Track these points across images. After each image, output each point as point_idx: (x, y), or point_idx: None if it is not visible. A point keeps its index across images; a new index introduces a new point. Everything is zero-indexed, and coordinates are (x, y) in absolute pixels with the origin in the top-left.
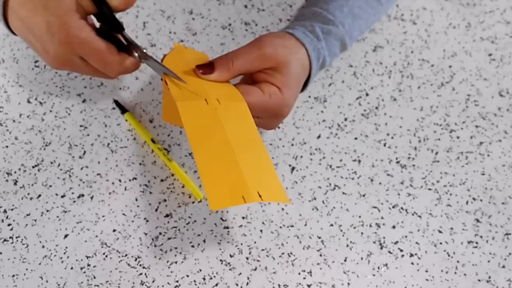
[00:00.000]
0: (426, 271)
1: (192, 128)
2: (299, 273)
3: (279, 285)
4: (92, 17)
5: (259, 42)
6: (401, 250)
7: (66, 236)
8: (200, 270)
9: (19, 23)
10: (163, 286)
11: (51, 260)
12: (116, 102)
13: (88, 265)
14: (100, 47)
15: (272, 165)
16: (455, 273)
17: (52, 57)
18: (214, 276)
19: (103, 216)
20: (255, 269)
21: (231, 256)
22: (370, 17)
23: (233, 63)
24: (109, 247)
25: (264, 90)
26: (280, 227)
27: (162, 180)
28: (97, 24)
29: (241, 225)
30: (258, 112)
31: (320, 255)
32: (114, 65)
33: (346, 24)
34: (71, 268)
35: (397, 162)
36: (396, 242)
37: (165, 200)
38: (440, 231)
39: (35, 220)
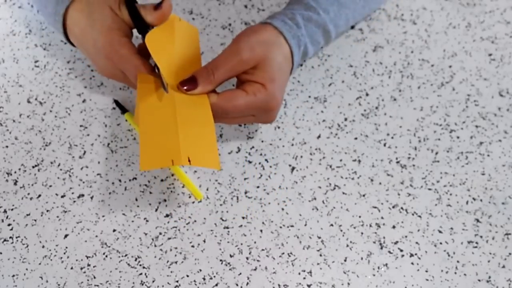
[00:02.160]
0: (426, 271)
1: (144, 101)
2: (299, 273)
3: (279, 285)
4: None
5: (235, 46)
6: (401, 250)
7: (66, 236)
8: (200, 270)
9: (74, 39)
10: (163, 286)
11: (51, 260)
12: (116, 102)
13: (88, 265)
14: (137, 64)
15: (214, 138)
16: (455, 273)
17: (100, 69)
18: (214, 276)
19: (103, 216)
20: (255, 269)
21: (231, 256)
22: (359, 8)
23: (214, 75)
24: (109, 247)
25: (247, 90)
26: (280, 227)
27: (162, 180)
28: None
29: (241, 225)
30: (248, 111)
31: (320, 255)
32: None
33: (330, 12)
34: (71, 268)
35: (397, 162)
36: (396, 242)
37: (165, 200)
38: (440, 231)
39: (35, 220)
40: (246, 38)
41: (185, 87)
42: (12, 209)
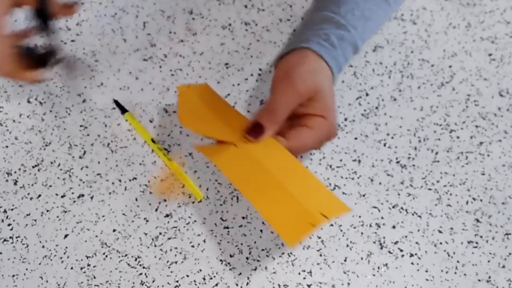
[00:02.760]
0: (426, 271)
1: (236, 177)
2: (299, 273)
3: (279, 285)
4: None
5: (288, 81)
6: (401, 250)
7: (66, 236)
8: (200, 270)
9: None
10: (163, 286)
11: (51, 260)
12: (116, 102)
13: (88, 265)
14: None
15: (319, 182)
16: (455, 273)
17: None
18: (214, 276)
19: (103, 216)
20: (255, 269)
21: (231, 256)
22: (380, 18)
23: (277, 114)
24: (109, 247)
25: (311, 125)
26: None
27: (162, 180)
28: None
29: (241, 225)
30: (316, 145)
31: (320, 255)
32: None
33: (358, 27)
34: (71, 268)
35: (397, 162)
36: (396, 242)
37: (165, 200)
38: (440, 231)
39: (35, 220)
40: (296, 71)
41: (252, 136)
42: (12, 209)
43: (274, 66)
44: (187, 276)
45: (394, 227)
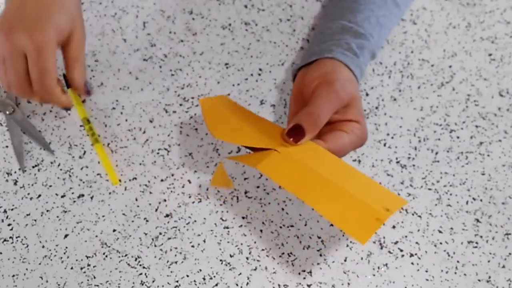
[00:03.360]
0: (426, 271)
1: (288, 182)
2: (299, 273)
3: (279, 285)
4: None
5: (331, 88)
6: (401, 250)
7: (66, 236)
8: (200, 270)
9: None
10: (163, 286)
11: (51, 260)
12: (64, 76)
13: (88, 265)
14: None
15: (370, 178)
16: (455, 273)
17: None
18: (214, 276)
19: (103, 216)
20: (255, 269)
21: (231, 256)
22: (393, 23)
23: (319, 119)
24: (109, 247)
25: (346, 130)
26: (280, 227)
27: (162, 180)
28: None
29: (241, 225)
30: (351, 149)
31: (320, 255)
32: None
33: (375, 35)
34: (71, 268)
35: (397, 162)
36: (396, 242)
37: (165, 200)
38: (440, 231)
39: (35, 220)
40: (337, 78)
41: (292, 138)
42: (12, 209)
43: (293, 76)
44: (187, 276)
45: (394, 227)
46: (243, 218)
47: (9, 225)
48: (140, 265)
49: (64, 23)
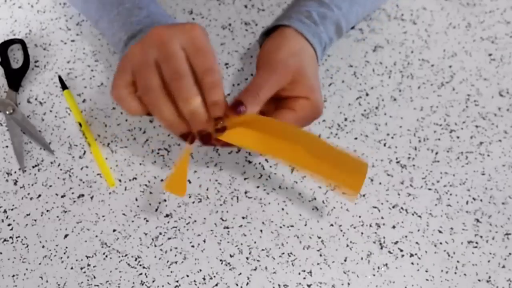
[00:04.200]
0: (426, 271)
1: (265, 146)
2: (299, 273)
3: (279, 285)
4: None
5: (270, 66)
6: (401, 250)
7: (66, 236)
8: (200, 270)
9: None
10: (163, 286)
11: (51, 260)
12: (59, 78)
13: (88, 265)
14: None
15: (329, 144)
16: (455, 273)
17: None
18: (214, 276)
19: (103, 216)
20: (255, 269)
21: (231, 256)
22: (368, 4)
23: (258, 96)
24: (109, 247)
25: (294, 107)
26: (280, 227)
27: (162, 180)
28: None
29: (241, 225)
30: (301, 126)
31: (320, 255)
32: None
33: (343, 7)
34: (71, 268)
35: (397, 162)
36: (396, 242)
37: (165, 200)
38: (440, 231)
39: (35, 220)
40: (278, 54)
41: (234, 112)
42: (12, 209)
43: (259, 43)
44: (187, 276)
45: (394, 227)
46: (243, 218)
47: (9, 225)
48: (140, 265)
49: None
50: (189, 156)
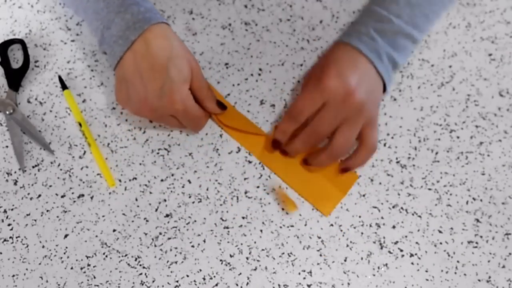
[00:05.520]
0: (426, 271)
1: (276, 168)
2: (299, 273)
3: (279, 285)
4: None
5: (315, 85)
6: (401, 250)
7: (66, 236)
8: (200, 270)
9: (134, 68)
10: (163, 286)
11: (51, 260)
12: (59, 78)
13: (88, 265)
14: (199, 115)
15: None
16: (455, 273)
17: (149, 108)
18: (214, 276)
19: (103, 216)
20: (255, 269)
21: (231, 256)
22: (434, 4)
23: (299, 116)
24: (109, 247)
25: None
26: (280, 227)
27: (162, 180)
28: None
29: (241, 225)
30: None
31: (320, 255)
32: (202, 125)
33: (404, 15)
34: (71, 268)
35: (397, 162)
36: (396, 242)
37: (165, 200)
38: (440, 231)
39: (35, 220)
40: (328, 75)
41: (276, 149)
42: (12, 209)
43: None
44: (187, 276)
45: (394, 227)
46: (243, 218)
47: (9, 225)
48: (140, 265)
49: (185, 73)
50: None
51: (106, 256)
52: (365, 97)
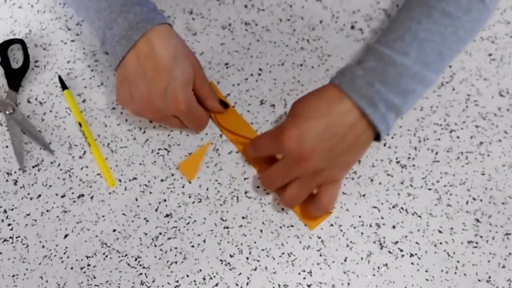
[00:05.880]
0: (426, 271)
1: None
2: (299, 273)
3: (279, 285)
4: None
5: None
6: (401, 250)
7: (66, 236)
8: (200, 270)
9: (137, 68)
10: (163, 286)
11: (51, 260)
12: (59, 78)
13: (88, 265)
14: (202, 115)
15: None
16: (455, 273)
17: (153, 108)
18: (214, 276)
19: (103, 216)
20: (255, 269)
21: (231, 256)
22: (448, 35)
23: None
24: (109, 247)
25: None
26: (280, 227)
27: (162, 180)
28: None
29: (241, 225)
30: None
31: (320, 255)
32: (204, 125)
33: (411, 53)
34: (71, 268)
35: (397, 162)
36: (396, 242)
37: (165, 200)
38: (440, 231)
39: (35, 220)
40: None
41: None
42: (12, 209)
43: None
44: (187, 276)
45: (394, 227)
46: (243, 218)
47: (9, 225)
48: (140, 265)
49: (188, 73)
50: (208, 147)
51: (106, 256)
52: (322, 163)
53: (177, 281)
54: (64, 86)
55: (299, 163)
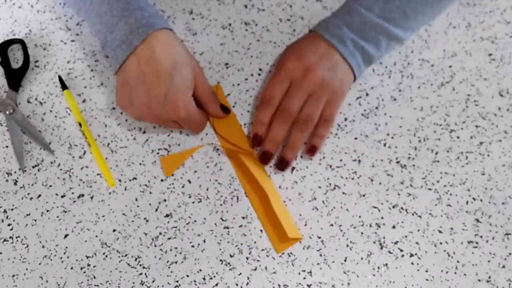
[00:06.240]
0: (426, 271)
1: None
2: (299, 273)
3: (279, 285)
4: None
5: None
6: (401, 250)
7: (66, 236)
8: (200, 270)
9: (138, 73)
10: (163, 286)
11: (51, 260)
12: (59, 78)
13: (88, 265)
14: (201, 120)
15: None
16: (455, 273)
17: (152, 114)
18: (214, 276)
19: (103, 216)
20: (255, 269)
21: (231, 256)
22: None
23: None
24: (109, 247)
25: None
26: None
27: (162, 180)
28: None
29: (241, 225)
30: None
31: (320, 255)
32: (203, 128)
33: (375, 8)
34: (71, 268)
35: (397, 162)
36: (396, 242)
37: (165, 200)
38: (440, 231)
39: (35, 220)
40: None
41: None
42: (12, 209)
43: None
44: (187, 276)
45: (394, 227)
46: (243, 218)
47: (9, 225)
48: (140, 265)
49: (188, 80)
50: (197, 150)
51: (106, 256)
52: (326, 73)
53: (177, 281)
54: (64, 86)
55: (307, 76)
